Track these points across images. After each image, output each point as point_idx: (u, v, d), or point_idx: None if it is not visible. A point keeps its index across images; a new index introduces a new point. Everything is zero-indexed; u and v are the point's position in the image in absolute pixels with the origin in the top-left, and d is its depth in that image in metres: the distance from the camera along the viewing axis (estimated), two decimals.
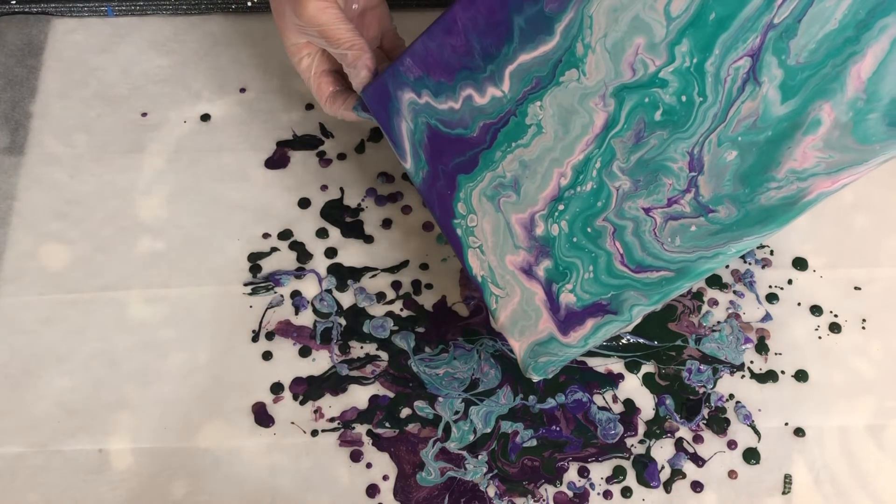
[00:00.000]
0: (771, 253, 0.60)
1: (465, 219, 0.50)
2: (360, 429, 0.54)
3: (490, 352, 0.56)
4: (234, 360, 0.56)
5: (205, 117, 0.65)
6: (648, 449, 0.54)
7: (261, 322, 0.58)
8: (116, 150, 0.63)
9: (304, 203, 0.62)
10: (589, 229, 0.46)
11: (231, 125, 0.64)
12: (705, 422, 0.55)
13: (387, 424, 0.55)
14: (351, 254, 0.60)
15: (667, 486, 0.53)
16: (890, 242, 0.60)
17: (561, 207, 0.46)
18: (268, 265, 0.59)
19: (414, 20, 0.58)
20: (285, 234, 0.60)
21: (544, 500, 0.52)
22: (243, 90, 0.66)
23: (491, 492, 0.53)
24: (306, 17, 0.50)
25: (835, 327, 0.57)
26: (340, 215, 0.61)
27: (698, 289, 0.59)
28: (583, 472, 0.53)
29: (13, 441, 0.54)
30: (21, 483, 0.53)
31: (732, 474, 0.53)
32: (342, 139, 0.64)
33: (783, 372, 0.56)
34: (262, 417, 0.55)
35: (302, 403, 0.55)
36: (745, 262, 0.59)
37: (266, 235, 0.60)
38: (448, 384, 0.56)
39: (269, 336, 0.57)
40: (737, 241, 0.42)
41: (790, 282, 0.59)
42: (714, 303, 0.58)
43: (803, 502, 0.52)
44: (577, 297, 0.47)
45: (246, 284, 0.59)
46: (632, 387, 0.56)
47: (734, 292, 0.58)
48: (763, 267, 0.59)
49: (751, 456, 0.54)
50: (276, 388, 0.56)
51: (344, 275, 0.59)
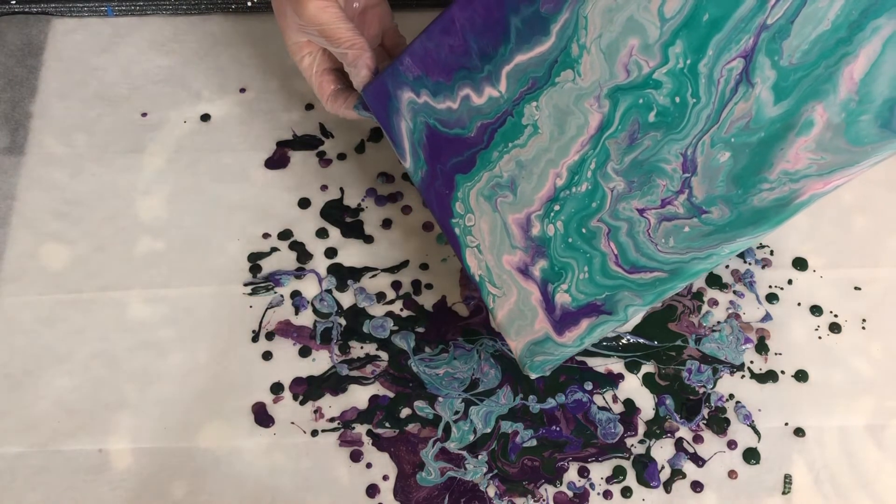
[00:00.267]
0: (771, 253, 0.60)
1: (463, 218, 0.50)
2: (360, 429, 0.54)
3: (490, 352, 0.56)
4: (234, 360, 0.56)
5: (205, 117, 0.65)
6: (648, 449, 0.54)
7: (261, 322, 0.58)
8: (116, 150, 0.63)
9: (304, 203, 0.62)
10: (584, 230, 0.46)
11: (231, 125, 0.64)
12: (705, 422, 0.55)
13: (387, 424, 0.55)
14: (351, 254, 0.60)
15: (667, 486, 0.53)
16: (890, 242, 0.60)
17: (557, 208, 0.46)
18: (268, 265, 0.59)
19: (415, 19, 0.58)
20: (285, 234, 0.60)
21: (544, 500, 0.52)
22: (243, 90, 0.66)
23: (491, 492, 0.53)
24: (307, 17, 0.50)
25: (835, 327, 0.57)
26: (340, 215, 0.61)
27: (698, 289, 0.59)
28: (583, 472, 0.53)
29: (13, 441, 0.54)
30: (21, 483, 0.53)
31: (732, 474, 0.53)
32: (342, 139, 0.64)
33: (783, 372, 0.56)
34: (262, 417, 0.55)
35: (302, 403, 0.55)
36: (745, 262, 0.59)
37: (266, 235, 0.60)
38: (448, 384, 0.56)
39: (269, 336, 0.57)
40: (730, 242, 0.42)
41: (790, 282, 0.59)
42: (714, 303, 0.58)
43: (803, 502, 0.52)
44: (573, 298, 0.47)
45: (246, 284, 0.59)
46: (632, 387, 0.56)
47: (734, 292, 0.58)
48: (763, 267, 0.59)
49: (751, 456, 0.54)
50: (276, 388, 0.56)
51: (344, 275, 0.59)
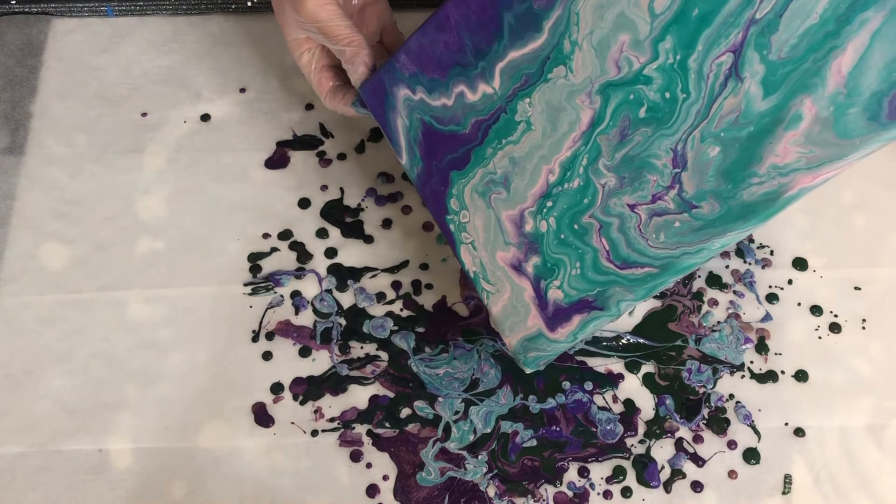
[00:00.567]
0: (771, 253, 0.60)
1: (458, 215, 0.50)
2: (360, 429, 0.54)
3: (490, 352, 0.56)
4: (234, 360, 0.56)
5: (205, 117, 0.65)
6: (648, 449, 0.54)
7: (261, 322, 0.58)
8: (116, 150, 0.63)
9: (304, 203, 0.62)
10: (576, 226, 0.46)
11: (231, 125, 0.64)
12: (705, 422, 0.54)
13: (387, 424, 0.55)
14: (351, 254, 0.60)
15: (667, 486, 0.53)
16: (890, 242, 0.60)
17: (549, 204, 0.46)
18: (268, 265, 0.59)
19: (414, 18, 0.58)
20: (285, 234, 0.60)
21: (544, 500, 0.52)
22: (243, 90, 0.66)
23: (491, 492, 0.53)
24: (306, 14, 0.50)
25: (835, 327, 0.57)
26: (340, 215, 0.61)
27: (698, 289, 0.59)
28: (583, 472, 0.53)
29: (13, 441, 0.54)
30: (21, 483, 0.53)
31: (732, 474, 0.53)
32: (342, 139, 0.64)
33: (783, 372, 0.56)
34: (262, 417, 0.55)
35: (302, 403, 0.55)
36: (745, 263, 0.59)
37: (266, 235, 0.60)
38: (448, 384, 0.56)
39: (269, 336, 0.57)
40: (720, 237, 0.42)
41: (790, 282, 0.59)
42: (714, 303, 0.58)
43: (803, 502, 0.52)
44: (565, 294, 0.47)
45: (246, 284, 0.59)
46: (632, 387, 0.56)
47: (734, 292, 0.58)
48: (763, 267, 0.59)
49: (751, 456, 0.54)
50: (276, 388, 0.56)
51: (344, 275, 0.59)
